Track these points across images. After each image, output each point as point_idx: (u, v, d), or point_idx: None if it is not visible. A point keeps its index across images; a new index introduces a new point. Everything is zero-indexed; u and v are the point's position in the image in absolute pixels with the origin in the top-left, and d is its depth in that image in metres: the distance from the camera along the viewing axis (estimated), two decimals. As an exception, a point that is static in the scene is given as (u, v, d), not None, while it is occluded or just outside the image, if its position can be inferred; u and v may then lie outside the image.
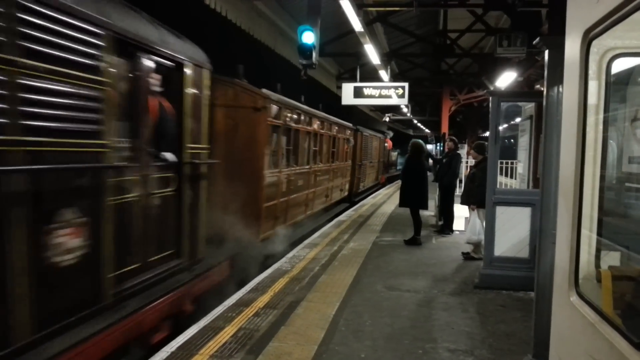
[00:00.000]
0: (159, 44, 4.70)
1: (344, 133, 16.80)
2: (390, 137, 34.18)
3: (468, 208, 8.22)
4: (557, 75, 3.85)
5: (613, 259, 2.32)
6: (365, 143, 21.34)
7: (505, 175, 12.10)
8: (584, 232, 2.08)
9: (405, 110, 25.37)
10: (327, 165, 14.15)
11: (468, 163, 12.22)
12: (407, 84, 12.83)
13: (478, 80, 16.66)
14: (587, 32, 1.98)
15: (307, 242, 9.28)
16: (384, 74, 13.28)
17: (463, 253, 8.14)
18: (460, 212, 9.76)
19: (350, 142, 18.01)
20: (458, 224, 10.20)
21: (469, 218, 8.22)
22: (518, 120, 11.07)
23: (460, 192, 9.77)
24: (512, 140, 13.73)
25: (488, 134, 6.81)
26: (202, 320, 4.94)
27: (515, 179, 11.42)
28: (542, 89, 4.86)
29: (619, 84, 2.38)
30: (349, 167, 18.22)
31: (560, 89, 3.93)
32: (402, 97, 12.72)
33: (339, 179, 16.46)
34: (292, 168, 10.41)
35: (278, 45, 12.20)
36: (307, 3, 7.91)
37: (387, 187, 25.94)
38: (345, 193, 17.91)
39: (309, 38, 7.48)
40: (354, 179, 19.23)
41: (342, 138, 16.29)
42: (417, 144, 9.47)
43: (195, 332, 4.62)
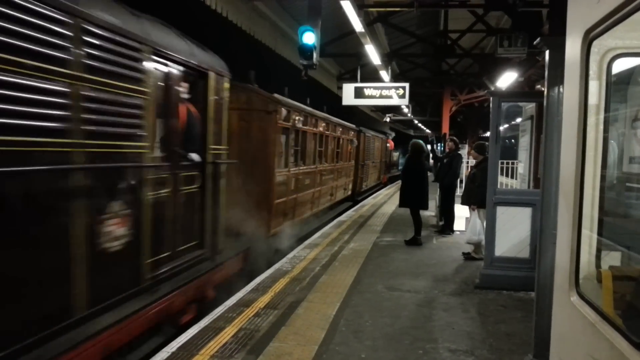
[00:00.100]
0: (188, 56, 5.23)
1: (348, 134, 17.14)
2: (392, 137, 34.21)
3: (468, 208, 8.22)
4: (557, 76, 3.85)
5: (613, 259, 2.32)
6: (368, 144, 21.71)
7: (506, 176, 12.09)
8: (585, 232, 2.08)
9: (406, 111, 25.37)
10: (331, 165, 14.50)
11: (469, 163, 12.22)
12: (407, 85, 12.83)
13: (479, 81, 16.66)
14: (587, 32, 1.98)
15: (307, 242, 9.28)
16: (385, 75, 13.28)
17: (464, 253, 8.14)
18: (461, 212, 9.76)
19: (354, 142, 18.30)
20: (459, 224, 10.18)
21: (470, 218, 8.21)
22: (519, 121, 11.06)
23: (461, 192, 9.77)
24: (512, 141, 13.71)
25: (489, 134, 6.81)
26: (202, 321, 4.95)
27: (516, 179, 11.41)
28: (542, 89, 4.86)
29: (620, 84, 2.38)
30: (352, 167, 18.59)
31: (561, 89, 3.93)
32: (402, 97, 12.73)
33: (343, 179, 16.80)
34: (299, 167, 10.89)
35: (279, 46, 12.20)
36: (307, 4, 7.92)
37: (387, 187, 25.94)
38: (349, 192, 18.24)
39: (310, 39, 7.49)
40: (357, 179, 19.54)
41: (345, 139, 16.65)
42: (417, 144, 9.47)
43: (196, 332, 4.62)
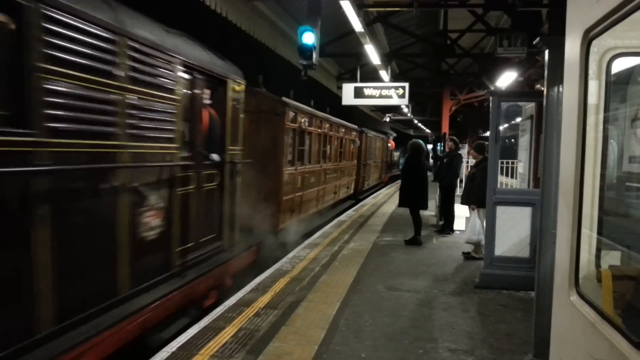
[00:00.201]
0: (210, 66, 5.75)
1: (350, 134, 17.58)
2: (393, 137, 34.25)
3: (468, 208, 8.22)
4: (557, 75, 3.85)
5: (613, 259, 2.32)
6: (370, 144, 22.11)
7: (506, 175, 12.09)
8: (584, 231, 2.08)
9: (406, 111, 25.37)
10: (335, 165, 14.93)
11: (469, 163, 12.22)
12: (407, 84, 12.83)
13: (478, 80, 16.67)
14: (587, 32, 1.98)
15: (307, 242, 9.28)
16: (385, 74, 13.28)
17: (463, 253, 8.14)
18: (461, 212, 9.76)
19: (356, 142, 18.68)
20: (459, 224, 10.18)
21: (469, 218, 8.21)
22: (518, 120, 11.06)
23: (461, 192, 9.77)
24: (512, 140, 13.72)
25: (488, 134, 6.81)
26: (202, 320, 4.94)
27: (516, 179, 11.41)
28: (542, 89, 4.85)
29: (619, 84, 2.38)
30: (355, 166, 18.99)
31: (561, 89, 3.93)
32: (402, 97, 12.74)
33: (346, 178, 17.22)
34: (305, 166, 11.38)
35: (278, 46, 12.20)
36: (307, 4, 7.92)
37: (388, 186, 25.96)
38: (351, 191, 18.63)
39: (309, 39, 7.49)
40: (359, 178, 19.91)
41: (348, 139, 17.08)
42: (416, 144, 9.46)
43: (196, 332, 4.62)
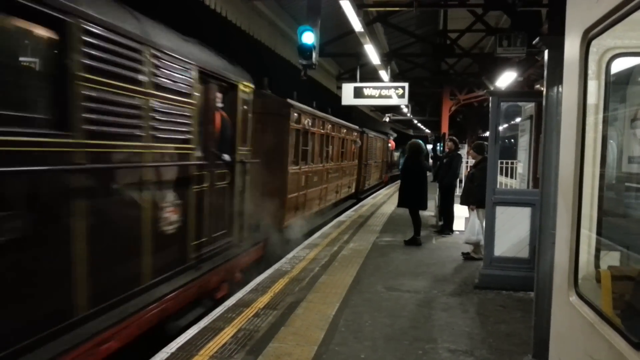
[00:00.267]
0: (222, 71, 6.09)
1: (352, 135, 17.85)
2: (394, 138, 34.30)
3: (467, 208, 8.21)
4: (556, 75, 3.85)
5: (612, 259, 2.32)
6: (370, 144, 22.42)
7: (505, 175, 12.09)
8: (584, 232, 2.07)
9: (406, 111, 25.38)
10: (337, 164, 15.24)
11: (468, 163, 12.22)
12: (407, 84, 12.83)
13: (478, 80, 16.65)
14: (586, 32, 1.98)
15: (307, 242, 9.27)
16: (384, 74, 13.28)
17: (463, 253, 8.14)
18: (461, 212, 9.75)
19: (357, 143, 18.96)
20: (458, 224, 10.17)
21: (469, 218, 8.21)
22: (518, 120, 11.07)
23: (460, 192, 9.76)
24: (512, 140, 13.72)
25: (488, 134, 6.81)
26: (202, 321, 4.94)
27: (515, 179, 11.42)
28: (541, 89, 4.85)
29: (619, 84, 2.38)
30: (356, 166, 19.29)
31: (560, 89, 3.93)
32: (402, 97, 12.74)
33: (347, 177, 17.54)
34: (309, 165, 11.70)
35: (278, 46, 12.20)
36: (307, 3, 7.91)
37: (388, 186, 25.96)
38: (352, 190, 18.91)
39: (309, 38, 7.49)
40: (360, 177, 20.20)
41: (350, 139, 17.40)
42: (415, 144, 9.45)
43: (195, 332, 4.61)
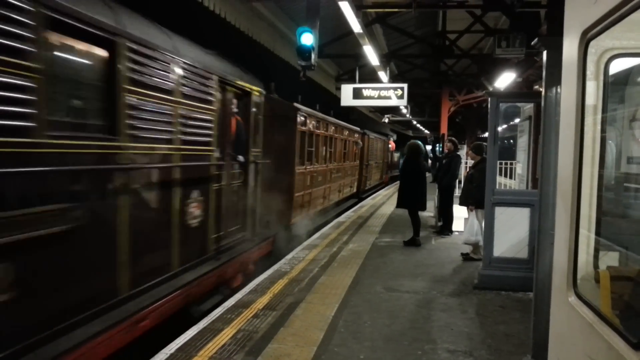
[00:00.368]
0: (237, 80, 6.70)
1: (353, 136, 18.31)
2: (394, 139, 34.38)
3: (466, 209, 8.21)
4: (555, 76, 3.85)
5: (611, 259, 2.32)
6: (371, 145, 22.90)
7: (504, 176, 12.10)
8: (583, 232, 2.08)
9: (405, 111, 25.39)
10: (339, 165, 15.77)
11: (467, 164, 12.22)
12: (406, 85, 12.83)
13: (477, 81, 16.66)
14: (584, 32, 1.98)
15: (306, 243, 9.27)
16: (383, 75, 13.28)
17: (462, 254, 8.14)
18: (460, 213, 9.75)
19: (359, 144, 19.39)
20: (457, 225, 10.17)
21: (468, 219, 8.21)
22: (517, 121, 11.07)
23: (460, 193, 9.76)
24: (511, 141, 13.73)
25: (487, 135, 6.81)
26: (201, 322, 4.93)
27: (514, 180, 11.42)
28: (540, 90, 4.86)
29: (617, 85, 2.38)
30: (357, 166, 19.73)
31: (559, 90, 3.93)
32: (401, 98, 12.75)
33: (349, 177, 17.99)
34: (314, 166, 12.24)
35: (277, 47, 12.19)
36: (306, 5, 7.92)
37: (388, 187, 25.98)
38: (354, 190, 19.30)
39: (308, 39, 7.50)
40: (362, 178, 20.64)
41: (351, 141, 17.89)
42: (414, 145, 9.45)
43: (195, 333, 4.61)
